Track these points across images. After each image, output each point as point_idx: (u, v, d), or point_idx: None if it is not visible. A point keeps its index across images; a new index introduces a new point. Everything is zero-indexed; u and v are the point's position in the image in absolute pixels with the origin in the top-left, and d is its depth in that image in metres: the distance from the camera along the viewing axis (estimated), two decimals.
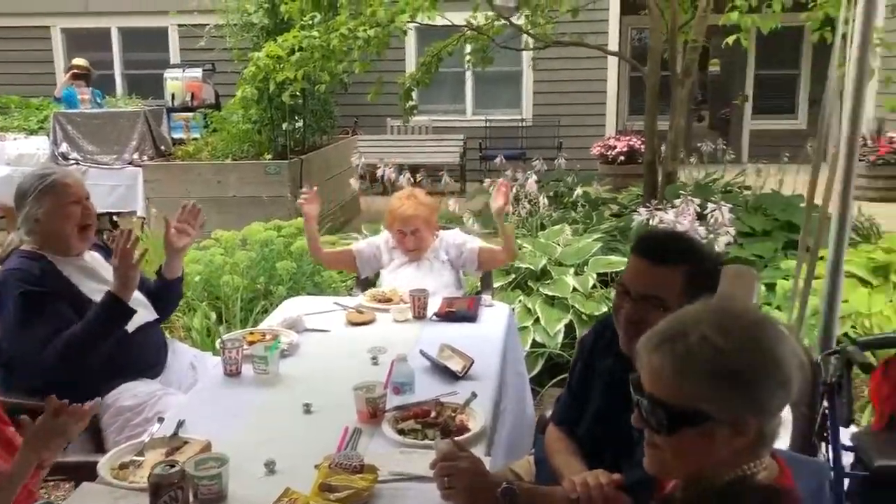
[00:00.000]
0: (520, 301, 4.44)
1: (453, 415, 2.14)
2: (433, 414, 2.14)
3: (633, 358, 1.34)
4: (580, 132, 10.88)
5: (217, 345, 2.70)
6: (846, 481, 2.44)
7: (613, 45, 10.54)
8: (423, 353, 2.57)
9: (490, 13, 6.66)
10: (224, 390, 2.45)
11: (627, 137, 10.29)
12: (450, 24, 6.62)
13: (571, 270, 4.65)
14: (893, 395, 2.60)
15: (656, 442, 1.29)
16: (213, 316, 4.27)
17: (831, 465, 2.40)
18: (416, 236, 3.52)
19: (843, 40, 2.83)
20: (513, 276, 4.72)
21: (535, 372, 4.02)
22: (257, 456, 1.94)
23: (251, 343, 2.67)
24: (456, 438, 2.01)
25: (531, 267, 4.66)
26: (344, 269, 3.82)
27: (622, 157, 10.04)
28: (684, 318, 1.30)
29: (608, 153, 10.21)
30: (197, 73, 8.64)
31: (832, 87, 2.88)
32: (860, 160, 8.93)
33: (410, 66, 9.92)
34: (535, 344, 4.13)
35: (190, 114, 8.34)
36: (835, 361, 2.46)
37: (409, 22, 5.92)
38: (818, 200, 3.11)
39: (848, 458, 2.53)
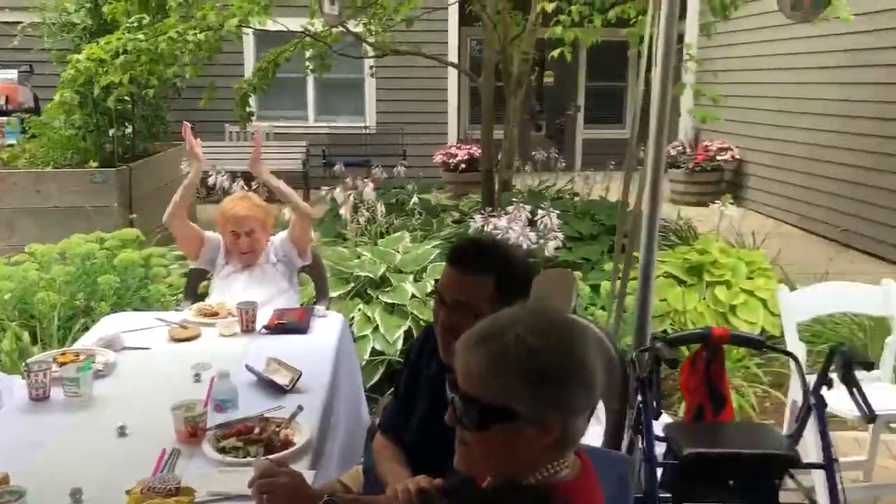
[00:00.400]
0: (359, 309, 4.41)
1: (278, 430, 2.09)
2: (257, 430, 2.09)
3: (452, 365, 1.36)
4: (423, 140, 11.01)
5: (22, 368, 2.51)
6: (659, 471, 2.59)
7: (453, 55, 10.74)
8: (248, 368, 2.50)
9: None
10: (28, 416, 2.28)
11: (468, 146, 10.53)
12: (285, 29, 6.51)
13: (411, 277, 4.68)
14: (700, 387, 2.78)
15: (467, 439, 1.32)
16: (27, 336, 3.96)
17: (646, 455, 2.55)
18: (250, 238, 3.41)
19: (649, 56, 3.03)
20: (352, 284, 4.69)
21: (374, 380, 4.02)
22: (63, 485, 1.81)
23: (62, 364, 2.51)
24: (280, 454, 1.98)
25: (370, 275, 4.65)
26: (187, 245, 3.56)
27: (463, 165, 10.26)
28: (502, 319, 1.33)
29: (450, 161, 10.41)
30: (12, 74, 8.06)
31: (638, 101, 3.07)
32: (679, 167, 9.64)
33: (250, 71, 9.65)
34: (374, 352, 4.13)
35: (4, 118, 7.76)
36: (646, 358, 2.62)
37: (239, 26, 5.77)
38: (642, 206, 3.28)
39: (661, 449, 2.69)
